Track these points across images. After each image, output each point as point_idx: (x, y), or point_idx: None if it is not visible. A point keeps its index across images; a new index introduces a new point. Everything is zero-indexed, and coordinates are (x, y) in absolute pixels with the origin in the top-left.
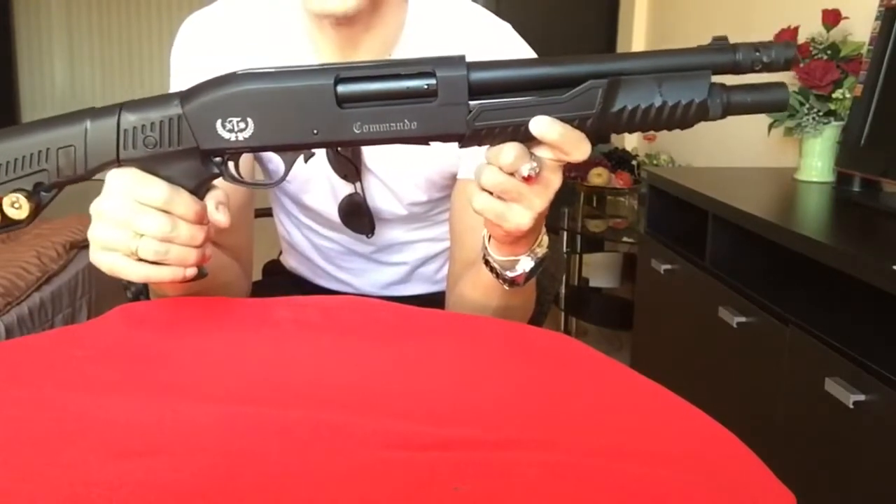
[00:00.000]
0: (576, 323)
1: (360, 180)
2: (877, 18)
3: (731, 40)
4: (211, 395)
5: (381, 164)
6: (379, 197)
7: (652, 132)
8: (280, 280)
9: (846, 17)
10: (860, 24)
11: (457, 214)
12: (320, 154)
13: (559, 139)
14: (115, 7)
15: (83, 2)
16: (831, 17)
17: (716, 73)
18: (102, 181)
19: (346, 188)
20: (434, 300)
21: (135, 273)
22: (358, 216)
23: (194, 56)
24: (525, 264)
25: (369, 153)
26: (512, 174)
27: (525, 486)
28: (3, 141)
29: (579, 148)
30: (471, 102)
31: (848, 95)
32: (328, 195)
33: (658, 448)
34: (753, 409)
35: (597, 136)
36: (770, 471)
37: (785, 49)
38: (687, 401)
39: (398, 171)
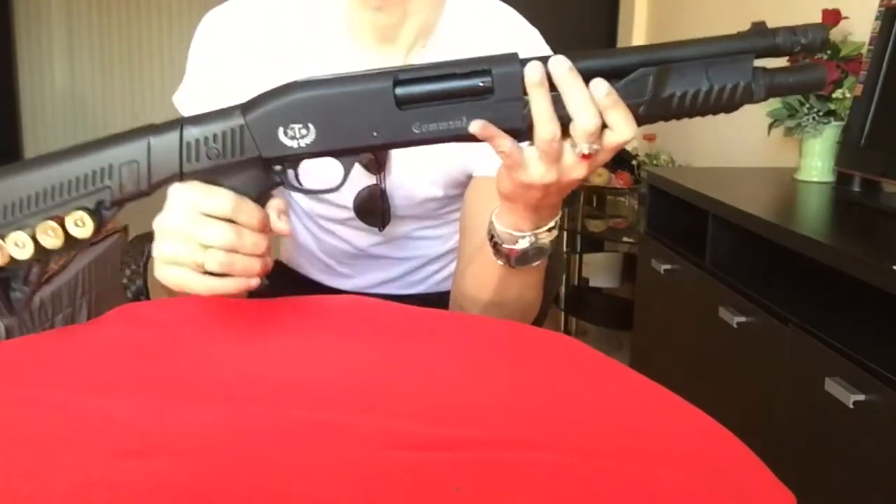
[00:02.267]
0: (576, 323)
1: (384, 171)
2: (877, 18)
3: None
4: (211, 395)
5: (401, 157)
6: (395, 190)
7: (652, 133)
8: (280, 280)
9: (846, 17)
10: (860, 24)
11: (470, 210)
12: None
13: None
14: (115, 7)
15: (83, 2)
16: (831, 17)
17: (757, 56)
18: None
19: (363, 180)
20: (435, 300)
21: (202, 286)
22: (372, 209)
23: (219, 48)
24: (524, 243)
25: None
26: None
27: (525, 486)
28: (65, 160)
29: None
30: (526, 97)
31: (848, 95)
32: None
33: (658, 448)
34: (753, 409)
35: (647, 122)
36: (770, 471)
37: (821, 31)
38: (687, 401)
39: (418, 165)
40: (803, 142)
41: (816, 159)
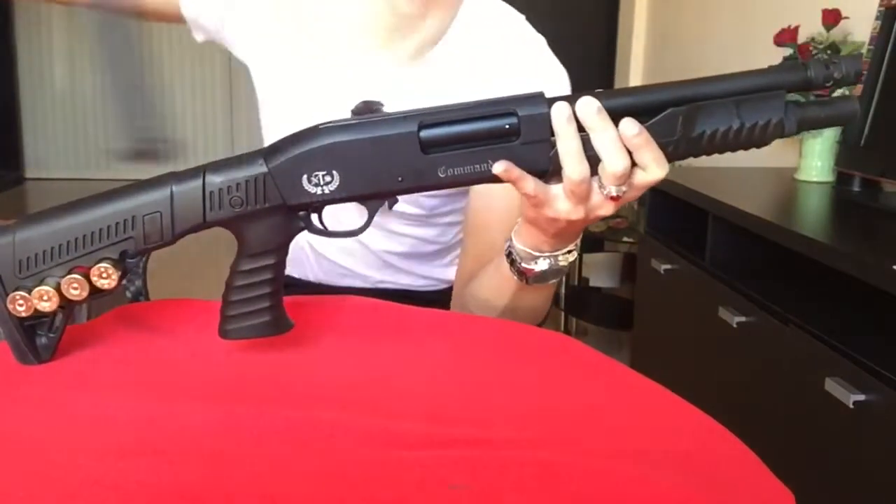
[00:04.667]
0: (576, 323)
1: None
2: (877, 18)
3: (731, 40)
4: (210, 395)
5: None
6: None
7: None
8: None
9: (846, 17)
10: (860, 24)
11: (475, 209)
12: None
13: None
14: None
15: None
16: (831, 17)
17: (789, 91)
18: None
19: None
20: (434, 299)
21: None
22: None
23: None
24: (543, 265)
25: None
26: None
27: (523, 485)
28: (87, 210)
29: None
30: (553, 138)
31: (848, 95)
32: None
33: (657, 448)
34: (753, 409)
35: (677, 159)
36: (770, 470)
37: (855, 63)
38: (687, 401)
39: None
40: (803, 142)
41: (816, 159)
